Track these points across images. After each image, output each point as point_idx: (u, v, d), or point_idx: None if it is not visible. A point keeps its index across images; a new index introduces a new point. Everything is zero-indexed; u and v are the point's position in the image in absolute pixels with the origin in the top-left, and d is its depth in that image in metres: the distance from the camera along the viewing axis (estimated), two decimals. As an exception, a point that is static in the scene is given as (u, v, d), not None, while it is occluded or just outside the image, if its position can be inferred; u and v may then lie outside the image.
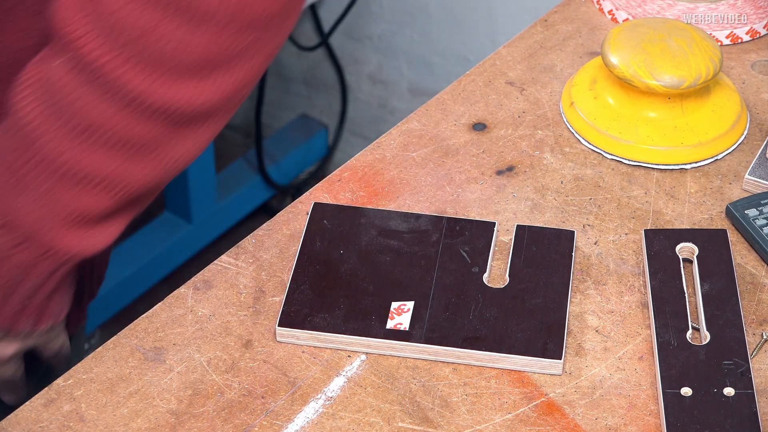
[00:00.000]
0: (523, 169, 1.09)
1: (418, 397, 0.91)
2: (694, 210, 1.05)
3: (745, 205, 1.03)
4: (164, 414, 0.90)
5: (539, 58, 1.22)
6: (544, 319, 0.95)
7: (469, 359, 0.93)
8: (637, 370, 0.93)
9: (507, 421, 0.89)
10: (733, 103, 1.13)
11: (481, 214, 1.05)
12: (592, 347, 0.94)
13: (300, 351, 0.94)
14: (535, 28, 1.26)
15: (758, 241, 1.00)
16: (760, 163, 1.08)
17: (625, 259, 1.01)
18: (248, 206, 2.35)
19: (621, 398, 0.91)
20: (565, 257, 1.00)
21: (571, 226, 1.04)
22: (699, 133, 1.10)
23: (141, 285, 2.17)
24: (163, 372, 0.92)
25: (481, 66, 1.21)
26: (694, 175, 1.09)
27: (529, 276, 0.98)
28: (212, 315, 0.97)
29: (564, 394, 0.91)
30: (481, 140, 1.12)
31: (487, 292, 0.97)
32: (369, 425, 0.89)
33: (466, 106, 1.16)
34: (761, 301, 0.98)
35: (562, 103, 1.15)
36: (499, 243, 1.02)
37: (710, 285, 0.96)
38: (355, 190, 1.07)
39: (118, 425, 0.89)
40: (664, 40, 1.10)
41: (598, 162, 1.10)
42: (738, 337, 0.92)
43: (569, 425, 0.89)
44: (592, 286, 0.99)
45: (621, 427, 0.89)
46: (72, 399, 0.91)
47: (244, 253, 1.02)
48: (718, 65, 1.09)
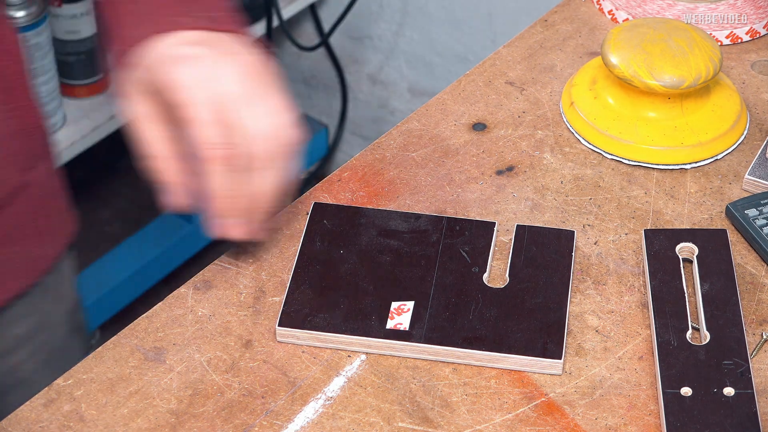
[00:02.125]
0: (523, 169, 1.09)
1: (418, 397, 0.91)
2: (694, 210, 1.05)
3: (745, 205, 1.03)
4: (164, 414, 0.90)
5: (539, 58, 1.22)
6: (544, 319, 0.95)
7: (469, 359, 0.93)
8: (637, 370, 0.93)
9: (507, 421, 0.89)
10: (733, 103, 1.13)
11: (481, 214, 1.05)
12: (592, 347, 0.94)
13: (300, 351, 0.94)
14: (535, 28, 1.26)
15: (758, 241, 1.00)
16: (760, 163, 1.08)
17: (625, 259, 1.01)
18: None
19: (621, 398, 0.91)
20: (565, 257, 1.00)
21: (571, 226, 1.04)
22: (699, 133, 1.10)
23: (141, 285, 2.17)
24: (163, 372, 0.92)
25: (481, 66, 1.21)
26: (694, 175, 1.09)
27: (529, 276, 0.98)
28: (212, 315, 0.97)
29: (564, 394, 0.91)
30: (481, 140, 1.12)
31: (487, 292, 0.97)
32: (369, 425, 0.89)
33: (466, 106, 1.16)
34: (761, 301, 0.98)
35: (562, 103, 1.15)
36: (499, 243, 1.02)
37: (710, 285, 0.96)
38: (355, 190, 1.07)
39: (118, 425, 0.89)
40: (664, 40, 1.10)
41: (598, 162, 1.10)
42: (738, 337, 0.92)
43: (569, 425, 0.89)
44: (592, 286, 0.99)
45: (621, 427, 0.89)
46: (72, 399, 0.91)
47: (244, 253, 1.02)
48: (718, 65, 1.09)
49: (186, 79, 0.92)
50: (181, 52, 0.93)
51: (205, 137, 0.91)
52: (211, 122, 0.91)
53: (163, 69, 0.92)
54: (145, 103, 0.95)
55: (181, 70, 0.92)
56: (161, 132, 0.95)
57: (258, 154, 0.92)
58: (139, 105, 0.95)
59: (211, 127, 0.91)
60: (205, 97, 0.91)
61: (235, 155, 0.91)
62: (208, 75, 0.92)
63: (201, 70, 0.92)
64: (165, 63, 0.93)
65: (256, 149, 0.92)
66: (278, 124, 0.93)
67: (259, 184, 0.93)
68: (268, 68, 0.95)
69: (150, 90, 0.94)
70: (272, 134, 0.92)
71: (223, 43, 0.95)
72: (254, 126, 0.92)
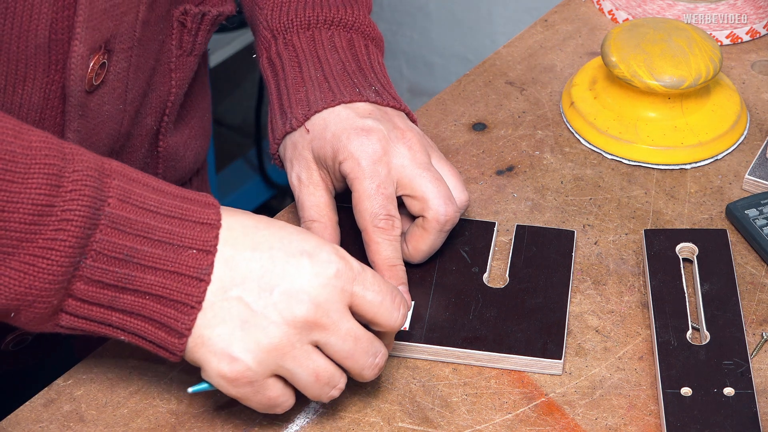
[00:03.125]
0: (523, 169, 1.09)
1: (418, 397, 0.91)
2: (694, 210, 1.05)
3: (745, 205, 1.03)
4: (164, 414, 0.90)
5: (539, 58, 1.22)
6: (544, 319, 0.95)
7: (469, 359, 0.93)
8: (637, 370, 0.93)
9: (507, 421, 0.89)
10: (733, 103, 1.13)
11: (481, 214, 1.05)
12: (592, 347, 0.94)
13: (300, 351, 0.94)
14: (535, 28, 1.26)
15: (758, 241, 1.00)
16: (760, 163, 1.08)
17: (625, 259, 1.01)
18: (248, 206, 2.34)
19: (621, 398, 0.91)
20: (565, 257, 1.00)
21: (571, 226, 1.04)
22: (699, 133, 1.10)
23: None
24: (163, 372, 0.92)
25: (481, 66, 1.21)
26: (694, 175, 1.09)
27: (529, 276, 0.98)
28: (212, 315, 0.97)
29: (564, 394, 0.91)
30: (481, 140, 1.12)
31: (487, 292, 0.97)
32: (369, 425, 0.89)
33: (466, 106, 1.16)
34: (761, 301, 0.98)
35: (562, 103, 1.15)
36: (499, 243, 1.02)
37: (710, 285, 0.96)
38: (355, 190, 1.07)
39: (118, 425, 0.89)
40: (664, 40, 1.10)
41: (598, 162, 1.10)
42: (738, 337, 0.92)
43: (569, 425, 0.89)
44: (592, 286, 0.99)
45: (621, 427, 0.89)
46: (72, 399, 0.91)
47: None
48: (718, 65, 1.09)
49: (362, 153, 0.94)
50: (361, 124, 0.95)
51: (371, 209, 0.94)
52: (379, 195, 0.94)
53: (343, 139, 0.95)
54: (313, 169, 0.97)
55: (359, 142, 0.94)
56: (324, 199, 0.97)
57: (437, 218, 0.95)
58: (308, 171, 0.97)
59: (378, 199, 0.93)
60: (377, 171, 0.94)
61: (395, 228, 0.94)
62: (383, 151, 0.94)
63: (377, 146, 0.94)
64: (346, 133, 0.95)
65: (435, 214, 0.94)
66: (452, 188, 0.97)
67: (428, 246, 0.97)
68: (427, 139, 0.98)
69: (320, 158, 0.96)
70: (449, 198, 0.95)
71: (392, 119, 0.97)
72: (432, 192, 0.94)
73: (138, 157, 1.05)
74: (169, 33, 1.02)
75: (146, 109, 1.03)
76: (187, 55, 1.04)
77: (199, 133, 1.14)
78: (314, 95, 0.99)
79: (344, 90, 0.98)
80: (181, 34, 1.03)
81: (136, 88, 0.99)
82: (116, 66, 0.95)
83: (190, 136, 1.12)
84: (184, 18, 1.02)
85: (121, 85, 0.97)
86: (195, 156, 1.15)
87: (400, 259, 0.95)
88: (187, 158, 1.13)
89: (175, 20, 1.02)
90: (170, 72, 1.04)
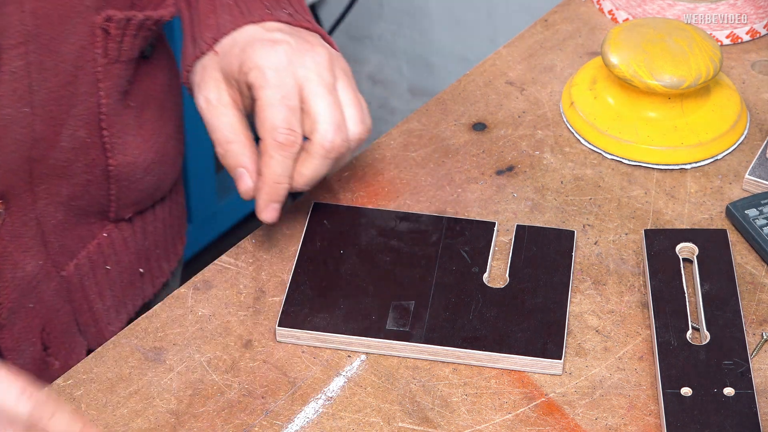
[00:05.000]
0: (523, 169, 1.09)
1: (418, 397, 0.91)
2: (694, 210, 1.05)
3: (745, 205, 1.03)
4: (164, 414, 0.90)
5: (539, 58, 1.22)
6: (544, 319, 0.95)
7: (469, 359, 0.93)
8: (637, 370, 0.93)
9: (507, 421, 0.89)
10: (733, 103, 1.13)
11: (481, 214, 1.05)
12: (592, 347, 0.94)
13: (300, 351, 0.94)
14: (535, 28, 1.26)
15: (758, 241, 1.00)
16: (760, 163, 1.08)
17: (625, 259, 1.01)
18: (248, 206, 2.34)
19: (621, 398, 0.91)
20: (565, 257, 1.00)
21: (571, 226, 1.04)
22: (699, 133, 1.10)
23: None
24: (163, 372, 0.92)
25: (481, 66, 1.21)
26: (694, 175, 1.09)
27: (529, 276, 0.98)
28: (212, 315, 0.97)
29: (564, 394, 0.91)
30: (481, 140, 1.12)
31: (487, 292, 0.97)
32: (369, 425, 0.89)
33: (466, 106, 1.16)
34: (761, 301, 0.98)
35: (562, 103, 1.15)
36: (499, 243, 1.02)
37: (710, 285, 0.96)
38: (355, 190, 1.07)
39: (118, 425, 0.89)
40: (664, 40, 1.10)
41: (598, 162, 1.10)
42: (738, 337, 0.92)
43: (569, 425, 0.89)
44: (592, 286, 0.99)
45: (621, 427, 0.89)
46: (72, 399, 0.91)
47: (244, 253, 1.02)
48: (718, 65, 1.09)
49: (266, 62, 0.93)
50: (268, 36, 0.95)
51: (272, 120, 0.92)
52: (282, 106, 0.92)
53: (248, 50, 0.94)
54: (223, 89, 0.96)
55: (264, 52, 0.94)
56: (236, 118, 0.96)
57: (322, 143, 0.93)
58: (217, 91, 0.96)
59: (281, 111, 0.92)
60: (282, 81, 0.93)
61: (295, 144, 0.92)
62: (288, 60, 0.93)
63: (282, 56, 0.93)
64: (252, 45, 0.94)
65: (321, 138, 0.93)
66: (348, 117, 0.95)
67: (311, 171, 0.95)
68: (341, 63, 0.97)
69: (229, 76, 0.96)
70: (340, 126, 0.93)
71: (302, 35, 0.96)
72: (324, 115, 0.93)
73: (79, 172, 1.02)
74: (92, 40, 0.98)
75: (74, 120, 0.99)
76: (113, 62, 1.00)
77: (162, 156, 1.09)
78: (223, 19, 0.98)
79: (254, 11, 0.98)
80: (106, 41, 0.99)
81: (45, 91, 0.96)
82: (10, 64, 0.92)
83: (150, 159, 1.07)
84: (108, 24, 0.98)
85: (21, 85, 0.94)
86: (156, 181, 1.10)
87: (287, 178, 0.94)
88: (147, 182, 1.08)
89: (98, 27, 0.98)
90: (97, 81, 1.00)
